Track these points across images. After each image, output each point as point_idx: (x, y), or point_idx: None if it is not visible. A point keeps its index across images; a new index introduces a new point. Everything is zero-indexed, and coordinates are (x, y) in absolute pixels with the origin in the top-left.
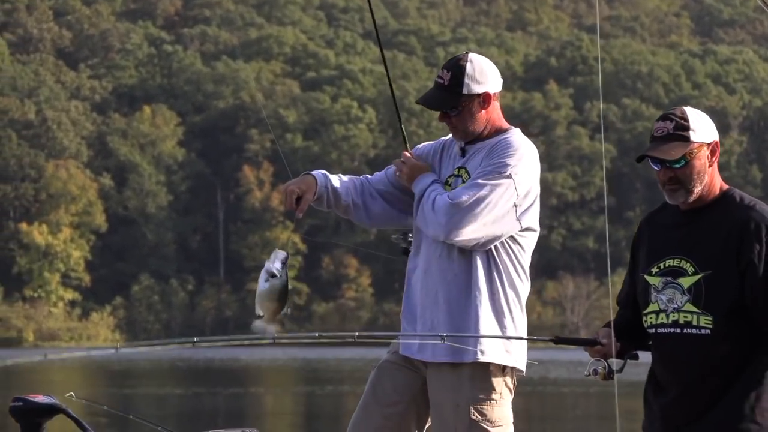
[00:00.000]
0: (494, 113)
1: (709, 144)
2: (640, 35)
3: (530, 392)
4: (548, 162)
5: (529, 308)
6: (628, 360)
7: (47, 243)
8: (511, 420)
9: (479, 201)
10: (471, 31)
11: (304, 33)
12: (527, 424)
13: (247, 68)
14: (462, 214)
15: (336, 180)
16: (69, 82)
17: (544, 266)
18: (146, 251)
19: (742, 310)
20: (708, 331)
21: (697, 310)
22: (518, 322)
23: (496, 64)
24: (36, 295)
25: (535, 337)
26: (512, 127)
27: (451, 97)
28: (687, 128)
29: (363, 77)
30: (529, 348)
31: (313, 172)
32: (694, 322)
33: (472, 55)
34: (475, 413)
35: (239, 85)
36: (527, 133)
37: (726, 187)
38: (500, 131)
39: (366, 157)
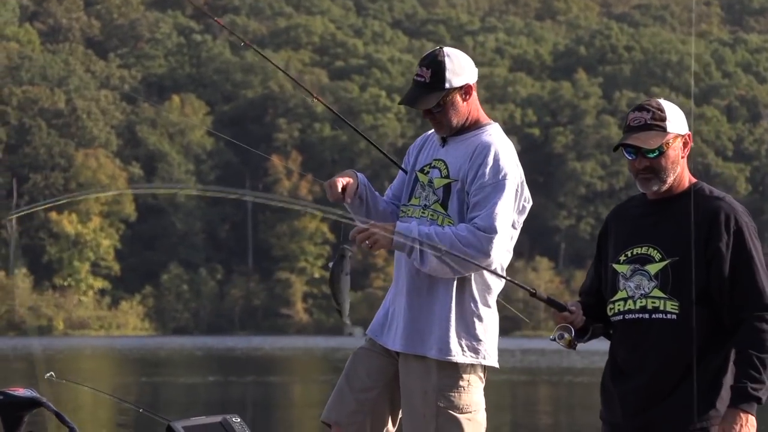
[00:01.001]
0: (474, 104)
1: (682, 135)
2: (670, 24)
3: (557, 382)
4: (577, 151)
5: (558, 297)
6: (592, 333)
7: (77, 232)
8: (483, 406)
9: (505, 221)
10: (500, 20)
11: (332, 22)
12: (558, 415)
13: (275, 57)
14: (500, 240)
15: (378, 196)
16: (98, 72)
17: (572, 256)
18: (175, 240)
19: (707, 296)
20: (674, 316)
21: (664, 296)
22: (487, 319)
23: (524, 53)
24: (66, 283)
25: (513, 280)
26: (491, 120)
27: (435, 94)
28: (664, 119)
29: (392, 66)
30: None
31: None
32: (662, 307)
33: (447, 49)
34: (443, 400)
35: (268, 74)
36: (556, 122)
37: (694, 180)
38: (480, 124)
39: (394, 147)
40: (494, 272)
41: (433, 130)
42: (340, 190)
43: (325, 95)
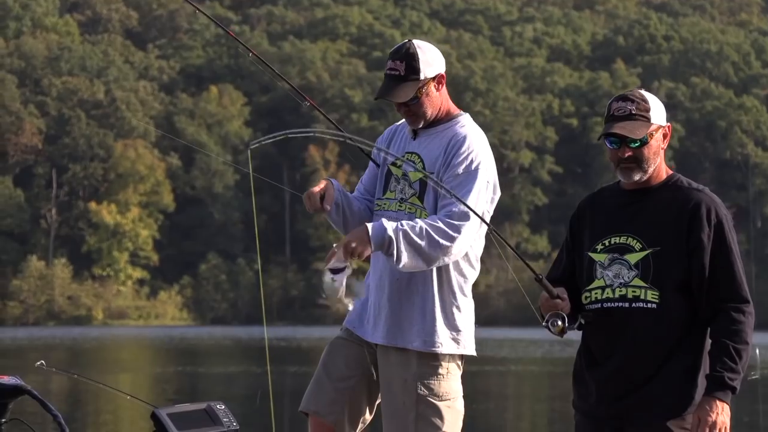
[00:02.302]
0: (445, 95)
1: (663, 127)
2: (710, 13)
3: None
4: None
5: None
6: (582, 320)
7: (116, 222)
8: (461, 393)
9: (477, 209)
10: (538, 10)
11: (370, 13)
12: None
13: (313, 48)
14: (471, 227)
15: (352, 199)
16: (137, 62)
17: None
18: (213, 230)
19: (687, 287)
20: (654, 306)
21: (645, 285)
22: (464, 308)
23: (563, 43)
24: (105, 273)
25: (523, 259)
26: (461, 111)
27: (411, 85)
28: (648, 109)
29: None
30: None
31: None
32: (642, 297)
33: (416, 42)
34: (423, 388)
35: (305, 65)
36: (594, 113)
37: (670, 172)
38: (451, 115)
39: None
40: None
41: (400, 122)
42: (318, 199)
43: (363, 86)
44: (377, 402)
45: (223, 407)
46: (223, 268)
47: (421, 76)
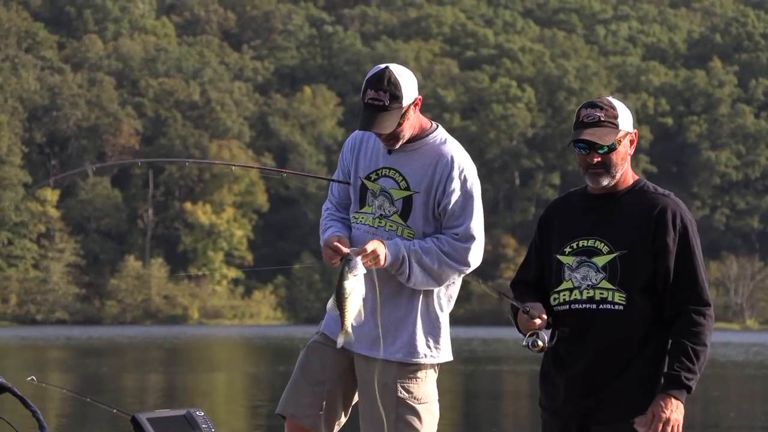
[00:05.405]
0: (418, 112)
1: (630, 133)
2: None
3: None
4: (711, 141)
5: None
6: (558, 335)
7: (211, 222)
8: (436, 397)
9: (481, 227)
10: (633, 9)
11: (463, 12)
12: None
13: (406, 48)
14: (478, 245)
15: (342, 229)
16: (232, 63)
17: (706, 246)
18: (307, 230)
19: (652, 289)
20: (621, 307)
21: (612, 287)
22: (444, 320)
23: (658, 41)
24: (201, 273)
25: (506, 295)
26: (433, 122)
27: (395, 115)
28: (616, 116)
29: (522, 56)
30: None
31: (328, 235)
32: (610, 299)
33: (393, 68)
34: (402, 391)
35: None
36: (690, 111)
37: (636, 177)
38: (426, 130)
39: (524, 137)
40: (507, 296)
41: (362, 132)
42: (341, 250)
43: (456, 85)
44: (352, 404)
45: (203, 414)
46: (316, 267)
47: (404, 104)
